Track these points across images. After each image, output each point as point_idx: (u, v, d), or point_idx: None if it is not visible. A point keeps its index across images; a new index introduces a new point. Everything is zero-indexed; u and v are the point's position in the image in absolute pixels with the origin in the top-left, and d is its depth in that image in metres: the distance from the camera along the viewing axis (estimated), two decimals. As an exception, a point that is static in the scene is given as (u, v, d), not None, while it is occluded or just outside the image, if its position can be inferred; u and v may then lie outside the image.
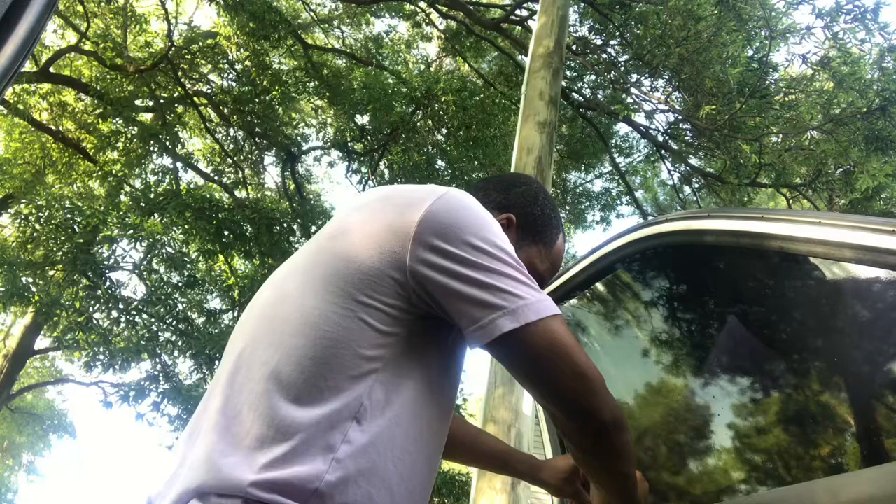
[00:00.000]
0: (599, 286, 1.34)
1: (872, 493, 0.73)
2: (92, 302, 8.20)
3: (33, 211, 7.81)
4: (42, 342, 11.82)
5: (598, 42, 9.34)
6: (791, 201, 8.52)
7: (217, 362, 8.67)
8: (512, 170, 4.92)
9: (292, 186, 11.21)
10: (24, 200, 8.10)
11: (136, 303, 8.56)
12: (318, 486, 0.71)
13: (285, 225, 9.66)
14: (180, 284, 9.30)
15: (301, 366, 0.76)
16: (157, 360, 8.63)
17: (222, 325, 10.02)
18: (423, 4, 10.95)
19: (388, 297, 0.78)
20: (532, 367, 0.79)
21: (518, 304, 0.77)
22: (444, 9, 10.41)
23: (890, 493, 0.70)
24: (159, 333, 8.74)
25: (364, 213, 0.86)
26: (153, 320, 8.66)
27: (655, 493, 1.26)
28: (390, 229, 0.80)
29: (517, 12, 9.86)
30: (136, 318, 8.50)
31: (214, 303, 10.71)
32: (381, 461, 0.76)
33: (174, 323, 8.77)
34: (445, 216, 0.81)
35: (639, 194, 12.21)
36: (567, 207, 12.27)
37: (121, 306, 8.38)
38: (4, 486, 16.59)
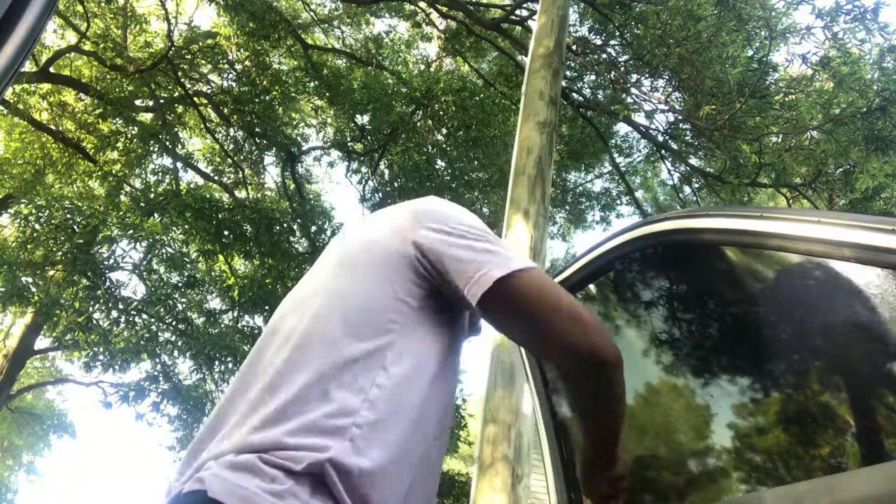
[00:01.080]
0: (598, 284, 1.34)
1: (871, 492, 0.73)
2: (92, 302, 8.20)
3: (33, 211, 7.81)
4: (42, 342, 11.82)
5: (598, 42, 9.34)
6: (791, 201, 8.52)
7: (217, 362, 8.67)
8: (512, 170, 4.91)
9: (292, 186, 11.21)
10: (23, 200, 8.09)
11: (135, 303, 8.56)
12: (354, 421, 0.78)
13: (285, 225, 9.66)
14: (180, 284, 9.30)
15: (337, 330, 0.87)
16: (157, 360, 8.63)
17: (222, 326, 10.01)
18: (423, 4, 10.94)
19: (402, 271, 0.91)
20: (527, 312, 0.88)
21: (503, 259, 0.89)
22: (444, 9, 10.40)
23: (889, 492, 0.71)
24: (159, 334, 8.74)
25: (377, 217, 1.04)
26: (153, 320, 8.66)
27: (655, 492, 1.26)
28: (397, 222, 0.98)
29: (517, 12, 9.85)
30: (136, 319, 8.50)
31: (214, 303, 10.72)
32: (401, 408, 0.84)
33: (174, 323, 8.77)
34: (438, 210, 0.99)
35: (639, 194, 12.21)
36: (567, 207, 12.27)
37: (120, 306, 8.38)
38: (4, 486, 16.58)
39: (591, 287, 1.35)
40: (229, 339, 8.52)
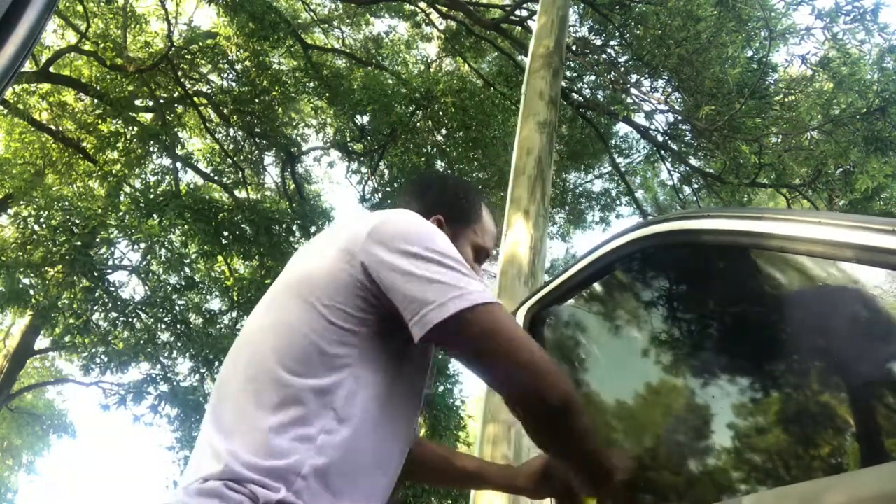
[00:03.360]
0: (598, 286, 1.34)
1: (872, 492, 0.73)
2: (90, 304, 8.19)
3: (32, 212, 7.80)
4: (42, 342, 11.82)
5: (598, 42, 9.34)
6: (791, 202, 8.52)
7: (217, 364, 8.66)
8: (512, 170, 4.92)
9: (292, 187, 11.21)
10: (22, 202, 8.08)
11: (133, 305, 8.54)
12: (301, 471, 0.78)
13: (284, 225, 9.65)
14: (179, 286, 9.29)
15: (277, 368, 0.85)
16: (156, 361, 8.62)
17: (221, 327, 9.99)
18: (422, 5, 10.94)
19: (348, 298, 0.86)
20: (471, 356, 0.85)
21: (449, 296, 0.81)
22: (444, 9, 10.40)
23: (889, 492, 0.71)
24: (158, 335, 8.73)
25: (323, 238, 0.98)
26: (152, 321, 8.64)
27: (655, 492, 1.26)
28: (345, 241, 0.90)
29: (517, 12, 9.85)
30: (135, 321, 8.48)
31: (214, 303, 10.70)
32: (357, 449, 0.83)
33: (173, 324, 8.75)
34: (391, 227, 0.90)
35: (638, 194, 12.20)
36: (567, 207, 12.27)
37: (119, 307, 8.37)
38: (4, 485, 16.57)
39: (591, 289, 1.35)
40: (227, 341, 8.50)
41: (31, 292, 7.83)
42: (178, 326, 8.74)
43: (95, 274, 8.06)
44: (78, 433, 15.54)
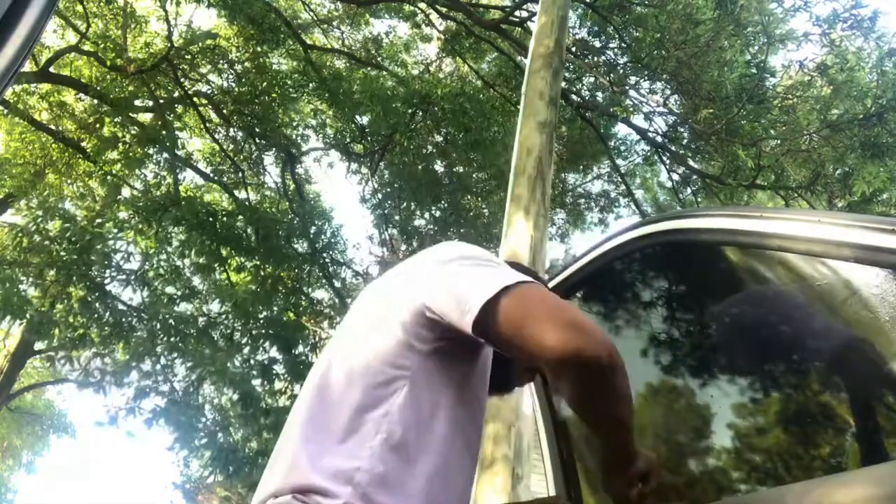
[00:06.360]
0: (598, 284, 1.34)
1: (871, 492, 0.73)
2: (86, 318, 8.12)
3: (30, 223, 7.71)
4: (42, 342, 11.79)
5: (598, 44, 9.35)
6: (789, 203, 8.52)
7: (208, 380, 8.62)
8: (512, 170, 4.91)
9: (292, 187, 11.20)
10: (24, 213, 8.01)
11: (130, 317, 8.49)
12: (359, 470, 0.84)
13: (285, 224, 9.63)
14: (176, 298, 9.20)
15: (342, 377, 0.94)
16: (153, 376, 8.58)
17: (215, 337, 9.87)
18: (422, 5, 10.94)
19: (411, 319, 0.94)
20: (517, 328, 0.86)
21: (488, 281, 0.88)
22: (444, 9, 10.40)
23: (889, 492, 0.71)
24: (155, 348, 8.65)
25: (390, 275, 1.09)
26: (148, 333, 8.57)
27: (655, 492, 1.26)
28: (405, 275, 1.02)
29: (517, 13, 9.86)
30: (130, 336, 8.42)
31: (213, 306, 10.61)
32: (419, 453, 0.89)
33: (168, 337, 8.65)
34: (440, 250, 1.02)
35: (638, 195, 12.19)
36: (566, 209, 12.27)
37: (116, 314, 8.32)
38: (4, 485, 16.52)
39: (591, 287, 1.35)
40: (220, 362, 8.35)
41: (27, 308, 7.69)
42: (173, 340, 8.64)
43: (89, 284, 7.98)
44: (78, 433, 15.53)
